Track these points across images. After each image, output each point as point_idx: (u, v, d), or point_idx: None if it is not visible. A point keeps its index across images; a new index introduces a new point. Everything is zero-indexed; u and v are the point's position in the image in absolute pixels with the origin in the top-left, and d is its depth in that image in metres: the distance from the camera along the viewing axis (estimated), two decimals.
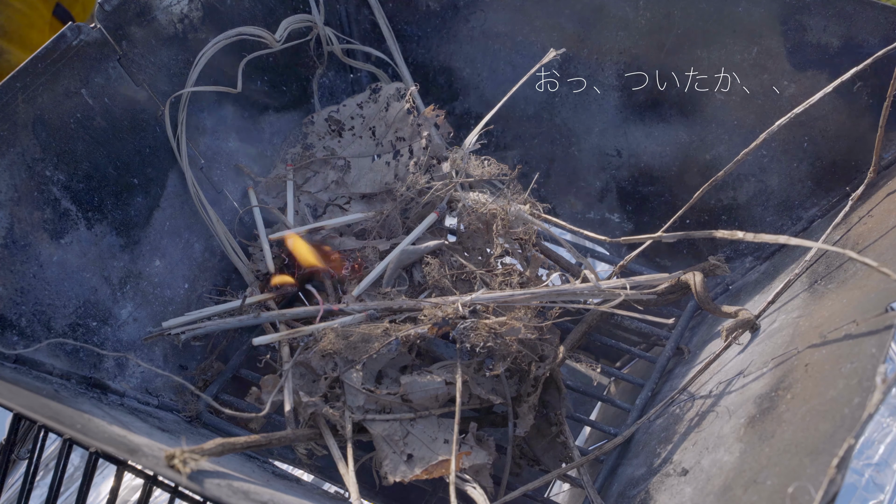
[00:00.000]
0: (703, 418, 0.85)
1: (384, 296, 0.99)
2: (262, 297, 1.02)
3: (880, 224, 0.86)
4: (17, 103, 0.91)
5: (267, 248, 1.07)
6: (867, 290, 0.76)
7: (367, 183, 1.12)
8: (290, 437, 0.87)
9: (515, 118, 1.19)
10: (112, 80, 1.00)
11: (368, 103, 1.14)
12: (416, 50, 1.21)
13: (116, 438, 0.72)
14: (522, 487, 0.86)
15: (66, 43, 0.95)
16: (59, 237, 0.94)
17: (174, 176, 1.05)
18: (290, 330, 0.96)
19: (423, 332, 0.89)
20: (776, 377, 0.78)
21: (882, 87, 0.95)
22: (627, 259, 1.04)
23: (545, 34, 1.15)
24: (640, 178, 1.15)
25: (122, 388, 0.95)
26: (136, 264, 1.00)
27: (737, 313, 0.91)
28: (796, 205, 1.07)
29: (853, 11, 0.99)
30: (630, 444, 0.94)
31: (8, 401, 0.68)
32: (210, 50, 1.05)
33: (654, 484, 0.83)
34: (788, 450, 0.66)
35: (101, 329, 0.96)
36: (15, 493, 0.97)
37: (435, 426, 0.89)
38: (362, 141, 1.14)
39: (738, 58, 1.06)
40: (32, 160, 0.92)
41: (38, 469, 0.76)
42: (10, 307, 0.88)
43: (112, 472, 0.78)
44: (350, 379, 0.89)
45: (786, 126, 0.94)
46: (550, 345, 0.92)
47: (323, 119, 1.16)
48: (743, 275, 1.08)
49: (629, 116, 1.14)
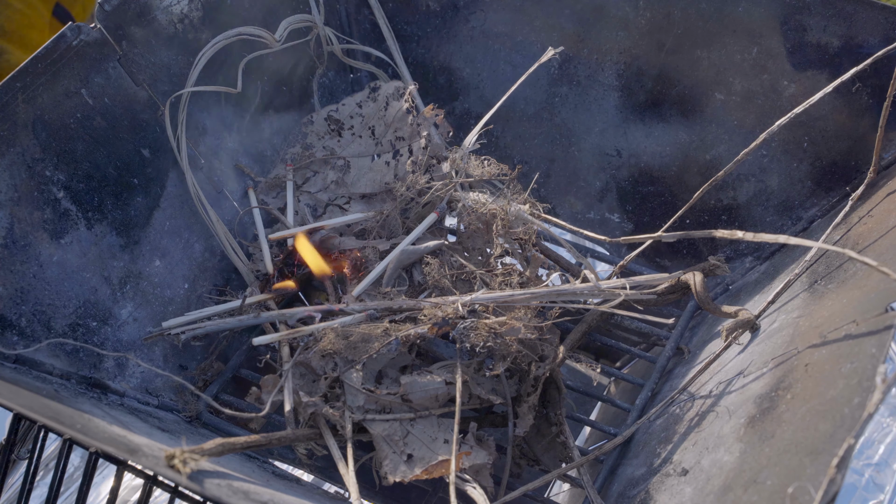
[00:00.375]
0: (703, 418, 0.85)
1: (384, 296, 0.99)
2: (262, 297, 1.02)
3: (880, 224, 0.86)
4: (17, 103, 0.91)
5: (266, 248, 1.07)
6: (867, 290, 0.76)
7: (366, 183, 1.12)
8: (290, 437, 0.87)
9: (515, 118, 1.19)
10: (112, 80, 1.00)
11: (368, 102, 1.14)
12: (416, 50, 1.21)
13: (116, 438, 0.72)
14: (522, 487, 0.86)
15: (66, 43, 0.95)
16: (59, 237, 0.94)
17: (174, 176, 1.05)
18: (289, 330, 0.96)
19: (423, 332, 0.89)
20: (776, 377, 0.78)
21: (882, 87, 0.95)
22: (627, 259, 1.04)
23: (545, 34, 1.15)
24: (640, 178, 1.15)
25: (122, 388, 0.95)
26: (136, 264, 1.00)
27: (737, 313, 0.91)
28: (796, 205, 1.07)
29: (853, 11, 0.99)
30: (630, 444, 0.94)
31: (8, 401, 0.68)
32: (210, 50, 1.05)
33: (654, 484, 0.83)
34: (788, 450, 0.66)
35: (101, 329, 0.96)
36: (15, 493, 0.97)
37: (435, 426, 0.89)
38: (362, 140, 1.14)
39: (738, 58, 1.06)
40: (32, 160, 0.92)
41: (38, 469, 0.76)
42: (10, 307, 0.88)
43: (112, 472, 0.78)
44: (350, 379, 0.89)
45: (786, 126, 0.94)
46: (550, 345, 0.92)
47: (322, 119, 1.16)
48: (743, 275, 1.08)
49: (629, 116, 1.14)
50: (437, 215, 1.05)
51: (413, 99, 1.12)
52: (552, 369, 0.90)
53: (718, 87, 1.09)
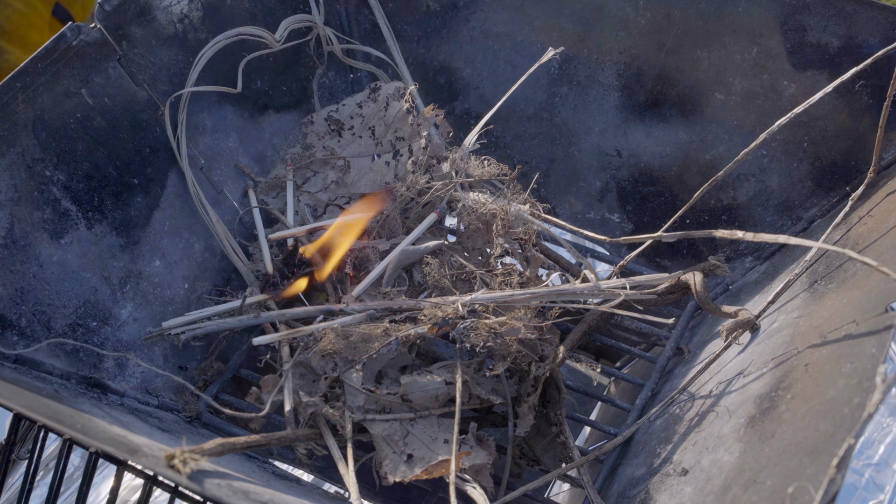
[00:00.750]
0: (703, 418, 0.85)
1: (384, 296, 0.99)
2: (262, 297, 1.02)
3: (880, 224, 0.86)
4: (17, 103, 0.91)
5: (266, 248, 1.07)
6: (867, 290, 0.76)
7: (366, 183, 1.12)
8: (290, 437, 0.87)
9: (515, 118, 1.19)
10: (112, 80, 1.00)
11: (368, 102, 1.14)
12: (416, 50, 1.21)
13: (116, 438, 0.72)
14: (522, 487, 0.86)
15: (66, 43, 0.95)
16: (59, 237, 0.94)
17: (174, 176, 1.05)
18: (289, 330, 0.96)
19: (424, 333, 0.89)
20: (776, 377, 0.78)
21: (882, 87, 0.95)
22: (627, 259, 1.04)
23: (545, 34, 1.15)
24: (640, 178, 1.15)
25: (122, 388, 0.95)
26: (136, 264, 1.00)
27: (737, 313, 0.91)
28: (796, 205, 1.07)
29: (853, 11, 0.99)
30: (630, 444, 0.94)
31: (8, 401, 0.68)
32: (210, 50, 1.05)
33: (654, 484, 0.83)
34: (788, 450, 0.66)
35: (101, 329, 0.96)
36: (15, 493, 0.97)
37: (435, 426, 0.89)
38: (362, 140, 1.14)
39: (738, 58, 1.06)
40: (32, 160, 0.92)
41: (38, 469, 0.76)
42: (10, 307, 0.88)
43: (112, 472, 0.78)
44: (350, 379, 0.89)
45: (786, 126, 0.94)
46: (550, 345, 0.92)
47: (322, 119, 1.16)
48: (743, 275, 1.08)
49: (629, 116, 1.14)
50: (437, 215, 1.05)
51: (413, 99, 1.12)
52: (552, 369, 0.90)
53: (718, 87, 1.09)
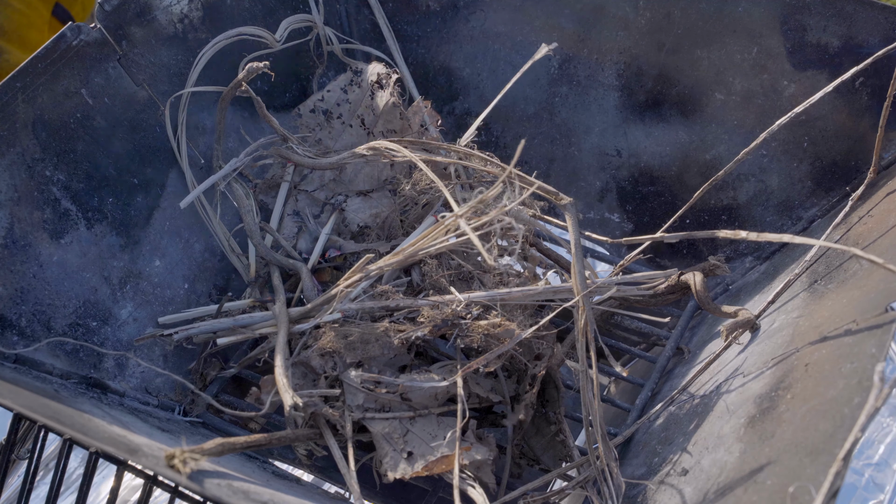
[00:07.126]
0: (703, 418, 0.85)
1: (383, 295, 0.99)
2: (244, 302, 1.03)
3: (880, 224, 0.86)
4: (17, 103, 0.91)
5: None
6: (867, 290, 0.76)
7: (363, 179, 1.12)
8: (290, 437, 0.87)
9: (515, 118, 1.19)
10: (112, 80, 1.00)
11: (353, 88, 1.12)
12: (416, 50, 1.21)
13: (116, 438, 0.72)
14: (522, 487, 0.86)
15: (66, 43, 0.95)
16: (59, 237, 0.94)
17: (174, 176, 1.05)
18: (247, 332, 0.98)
19: (423, 335, 0.89)
20: (776, 377, 0.78)
21: (882, 87, 0.95)
22: (628, 259, 1.04)
23: (545, 34, 1.15)
24: (640, 178, 1.15)
25: (121, 388, 0.95)
26: (136, 264, 1.00)
27: (737, 313, 0.91)
28: (796, 205, 1.07)
29: (853, 11, 0.99)
30: (630, 444, 0.94)
31: (8, 401, 0.68)
32: (210, 50, 1.05)
33: (654, 484, 0.83)
34: (788, 450, 0.66)
35: (101, 329, 0.96)
36: (15, 493, 0.97)
37: (434, 424, 0.89)
38: (353, 131, 1.12)
39: (738, 58, 1.06)
40: (32, 160, 0.92)
41: (38, 469, 0.76)
42: (10, 307, 0.88)
43: (112, 472, 0.78)
44: (349, 378, 0.89)
45: (786, 126, 0.94)
46: (546, 343, 0.92)
47: (309, 110, 1.14)
48: (743, 275, 1.08)
49: (629, 116, 1.14)
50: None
51: (396, 86, 1.09)
52: (550, 368, 0.90)
53: (718, 87, 1.09)
